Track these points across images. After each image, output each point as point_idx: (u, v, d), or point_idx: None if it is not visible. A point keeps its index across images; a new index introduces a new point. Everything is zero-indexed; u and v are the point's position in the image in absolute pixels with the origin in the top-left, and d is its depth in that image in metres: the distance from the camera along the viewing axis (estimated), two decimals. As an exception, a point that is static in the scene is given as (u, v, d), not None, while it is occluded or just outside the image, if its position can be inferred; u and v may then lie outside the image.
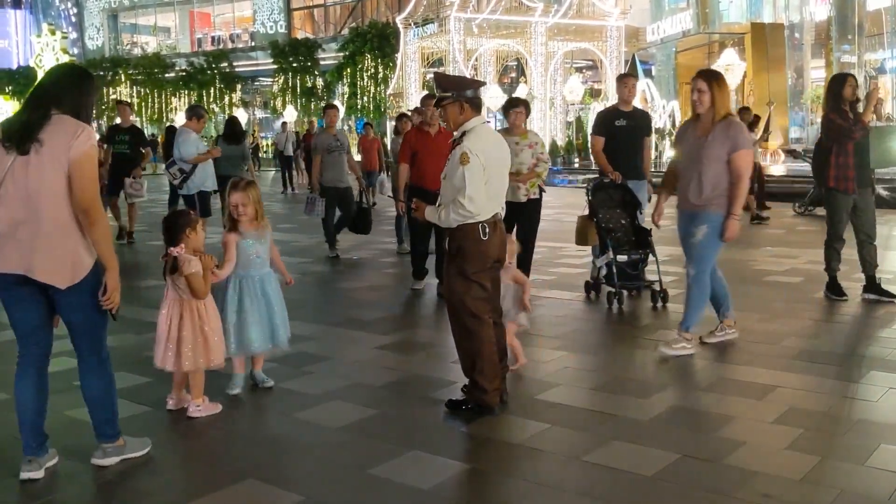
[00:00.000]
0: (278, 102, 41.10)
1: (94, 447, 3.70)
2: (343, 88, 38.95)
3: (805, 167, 15.75)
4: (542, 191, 7.40)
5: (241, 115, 43.71)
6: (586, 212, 7.32)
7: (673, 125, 27.31)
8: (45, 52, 33.81)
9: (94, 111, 3.78)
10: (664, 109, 28.01)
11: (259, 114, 48.40)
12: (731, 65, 23.00)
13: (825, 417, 4.30)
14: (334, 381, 5.01)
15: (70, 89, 3.54)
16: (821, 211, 9.83)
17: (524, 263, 6.85)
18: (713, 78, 5.41)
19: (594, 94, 33.61)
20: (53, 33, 34.45)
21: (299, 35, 44.63)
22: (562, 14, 29.69)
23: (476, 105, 4.40)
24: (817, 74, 31.10)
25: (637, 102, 8.67)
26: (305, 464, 3.81)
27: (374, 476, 3.61)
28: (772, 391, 4.70)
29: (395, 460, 3.79)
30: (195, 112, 9.96)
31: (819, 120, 7.70)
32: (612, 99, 29.62)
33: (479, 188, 4.22)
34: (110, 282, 3.48)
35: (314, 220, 10.34)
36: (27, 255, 3.38)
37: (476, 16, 28.96)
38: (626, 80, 7.81)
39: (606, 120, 7.70)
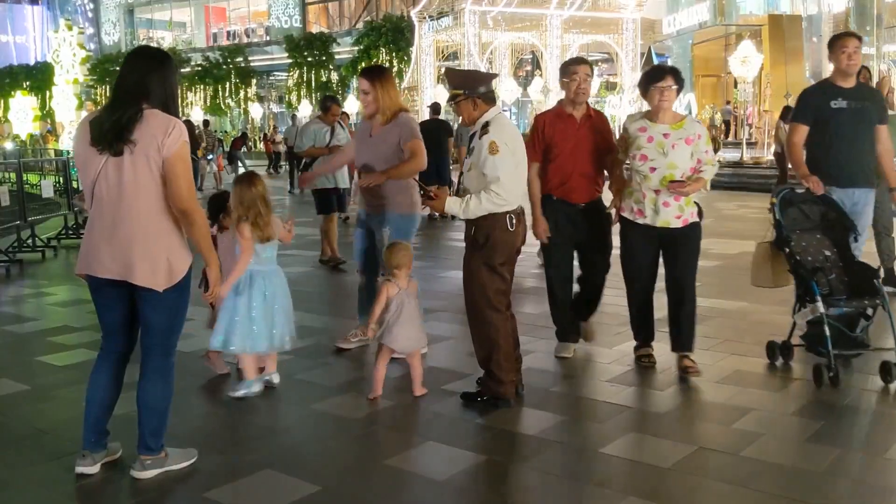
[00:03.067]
0: (293, 97, 41.20)
1: (133, 457, 3.56)
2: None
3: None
4: (700, 211, 4.86)
5: (256, 110, 44.24)
6: (769, 237, 5.06)
7: (689, 118, 27.10)
8: (62, 48, 33.93)
9: (178, 98, 3.59)
10: (680, 102, 27.85)
11: (275, 108, 48.55)
12: (748, 57, 22.82)
13: (845, 409, 4.27)
14: (350, 372, 5.02)
15: (158, 79, 3.36)
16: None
17: (683, 324, 4.89)
18: (375, 76, 5.17)
19: (610, 87, 33.47)
20: (70, 29, 34.51)
21: (314, 29, 44.73)
22: (577, 6, 29.56)
23: (489, 98, 4.39)
24: (835, 66, 30.80)
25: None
26: (322, 454, 3.82)
27: (390, 466, 3.62)
28: (790, 383, 4.67)
29: (410, 451, 3.80)
30: (322, 104, 9.11)
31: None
32: (627, 92, 29.47)
33: (510, 176, 4.23)
34: (212, 277, 3.47)
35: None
36: (125, 258, 3.29)
37: (491, 9, 28.87)
38: (845, 41, 5.19)
39: (817, 101, 5.33)
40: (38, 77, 46.18)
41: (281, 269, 4.69)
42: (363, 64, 37.66)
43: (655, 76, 4.80)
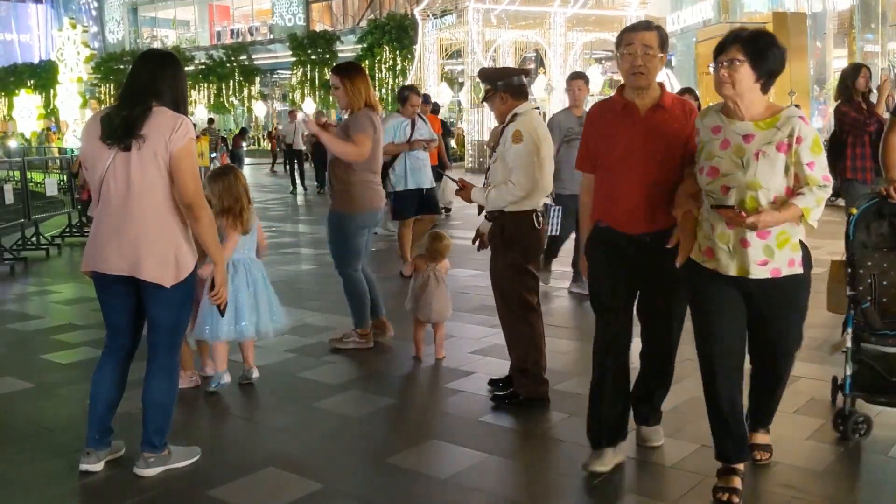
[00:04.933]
0: (297, 95, 41.22)
1: (136, 454, 3.57)
2: (361, 80, 38.94)
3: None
4: (807, 257, 3.22)
5: (260, 108, 44.24)
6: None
7: (693, 116, 27.05)
8: (67, 46, 34.03)
9: (187, 99, 3.63)
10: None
11: (278, 106, 48.58)
12: (752, 54, 22.77)
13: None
14: (353, 370, 5.03)
15: (169, 80, 3.42)
16: (842, 202, 9.74)
17: (763, 404, 3.70)
18: (345, 73, 5.24)
19: (614, 84, 33.39)
20: (74, 27, 34.64)
21: (318, 27, 44.74)
22: (581, 4, 29.53)
23: (517, 93, 4.32)
24: (840, 64, 30.77)
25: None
26: (324, 452, 3.82)
27: (393, 465, 3.63)
28: (793, 382, 4.64)
29: (412, 449, 3.81)
30: (399, 94, 8.09)
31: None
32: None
33: (528, 168, 4.16)
34: (218, 277, 3.45)
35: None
36: (133, 254, 3.31)
37: (495, 6, 28.81)
38: None
39: None
40: (43, 75, 46.23)
41: (259, 261, 4.74)
42: (367, 62, 37.75)
43: (717, 48, 3.27)
